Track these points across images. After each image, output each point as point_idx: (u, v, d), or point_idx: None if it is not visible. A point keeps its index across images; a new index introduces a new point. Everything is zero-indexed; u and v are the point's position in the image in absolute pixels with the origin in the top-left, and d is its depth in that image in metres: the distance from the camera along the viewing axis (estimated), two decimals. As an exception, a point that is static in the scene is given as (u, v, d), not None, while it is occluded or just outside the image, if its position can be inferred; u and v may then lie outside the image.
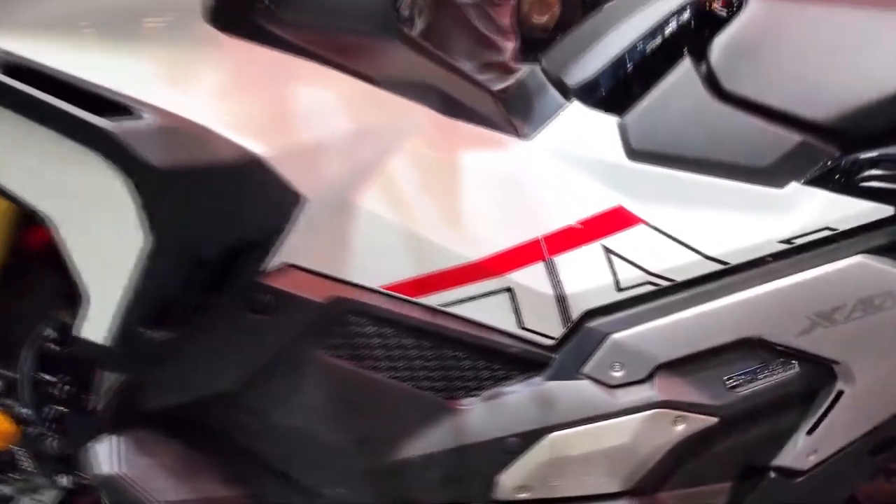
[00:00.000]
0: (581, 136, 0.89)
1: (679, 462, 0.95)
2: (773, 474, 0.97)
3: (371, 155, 0.82)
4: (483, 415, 0.92)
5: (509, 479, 0.93)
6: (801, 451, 0.94)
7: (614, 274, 0.87)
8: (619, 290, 0.87)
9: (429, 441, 0.92)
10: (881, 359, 0.89)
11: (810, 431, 0.93)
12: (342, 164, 0.80)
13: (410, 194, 0.83)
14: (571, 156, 0.88)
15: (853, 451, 0.96)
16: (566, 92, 0.92)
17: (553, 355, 0.91)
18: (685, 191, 0.87)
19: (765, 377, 0.91)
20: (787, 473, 0.96)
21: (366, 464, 0.92)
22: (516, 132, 0.91)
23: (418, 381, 0.91)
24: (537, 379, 0.92)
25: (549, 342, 0.91)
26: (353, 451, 0.92)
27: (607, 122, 0.89)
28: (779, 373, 0.91)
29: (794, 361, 0.91)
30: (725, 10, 0.88)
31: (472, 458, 0.92)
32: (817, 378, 0.91)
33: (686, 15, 0.89)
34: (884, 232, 0.86)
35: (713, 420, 0.91)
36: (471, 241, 0.85)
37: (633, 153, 0.87)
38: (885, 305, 0.86)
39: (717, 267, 0.86)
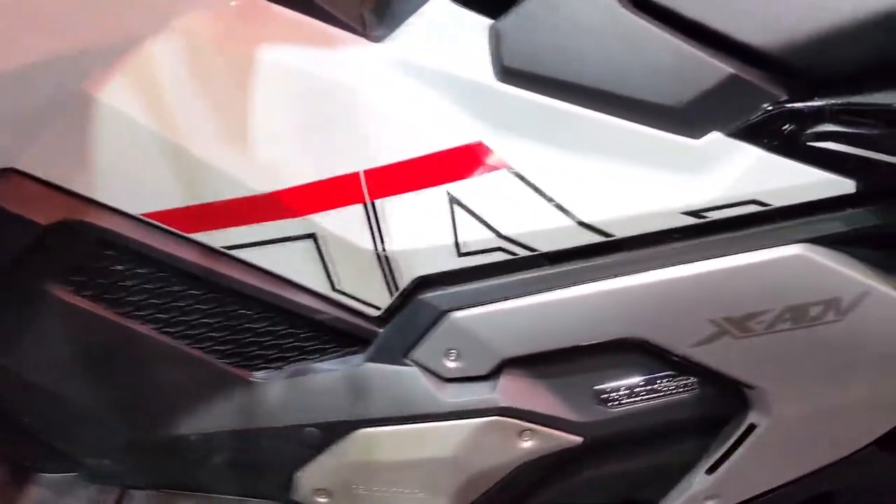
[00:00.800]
0: (441, 42, 0.65)
1: (535, 488, 0.74)
2: (663, 517, 0.75)
3: (123, 29, 0.59)
4: (281, 394, 0.72)
5: (308, 478, 0.73)
6: (695, 495, 0.72)
7: (456, 232, 0.64)
8: (462, 254, 0.64)
9: (211, 417, 0.73)
10: (811, 389, 0.66)
11: (710, 470, 0.71)
12: (75, 36, 0.58)
13: (179, 95, 0.61)
14: (425, 68, 0.64)
15: None
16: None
17: (378, 330, 0.70)
18: (568, 130, 0.62)
19: (650, 394, 0.68)
20: (682, 518, 0.74)
21: (129, 437, 0.73)
22: (364, 30, 0.67)
23: (200, 343, 0.71)
24: (356, 358, 0.71)
25: (372, 313, 0.69)
26: (116, 421, 0.73)
27: (477, 26, 0.64)
28: (670, 391, 0.68)
29: (692, 378, 0.67)
30: None
31: (264, 447, 0.73)
32: (722, 404, 0.68)
33: None
34: (837, 217, 0.61)
35: (576, 440, 0.69)
36: (261, 166, 0.63)
37: (506, 71, 0.62)
38: (824, 318, 0.62)
39: (596, 238, 0.63)
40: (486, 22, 0.65)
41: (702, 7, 0.59)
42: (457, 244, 0.64)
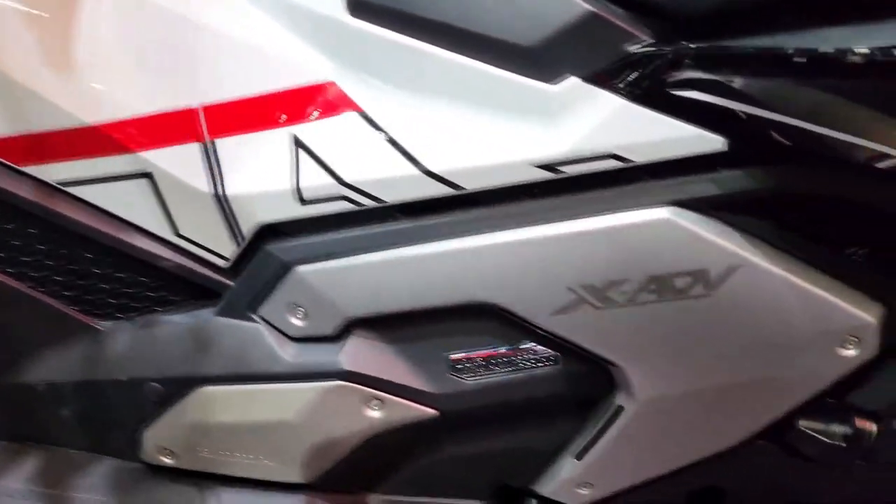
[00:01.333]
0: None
1: (395, 466, 0.69)
2: None
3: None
4: (127, 345, 0.68)
5: (152, 436, 0.69)
6: (567, 482, 0.66)
7: (298, 178, 0.59)
8: (304, 202, 0.60)
9: (57, 366, 0.69)
10: (679, 371, 0.59)
11: (580, 455, 0.65)
12: None
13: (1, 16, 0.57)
14: (283, 3, 0.60)
15: (657, 498, 0.67)
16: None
17: (230, 283, 0.65)
18: (419, 70, 0.57)
19: (508, 366, 0.62)
20: (553, 506, 0.68)
21: (-27, 379, 0.70)
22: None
23: (40, 284, 0.67)
24: (207, 312, 0.67)
25: (221, 262, 0.65)
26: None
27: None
28: (530, 364, 0.62)
29: (553, 352, 0.62)
30: None
31: (111, 401, 0.69)
32: (588, 382, 0.62)
33: None
34: (708, 176, 0.55)
35: (430, 412, 0.63)
36: (91, 96, 0.59)
37: (357, 5, 0.57)
38: (690, 291, 0.56)
39: (445, 191, 0.57)
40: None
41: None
42: (298, 190, 0.59)
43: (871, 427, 0.59)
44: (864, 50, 0.47)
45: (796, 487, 0.66)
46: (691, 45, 0.52)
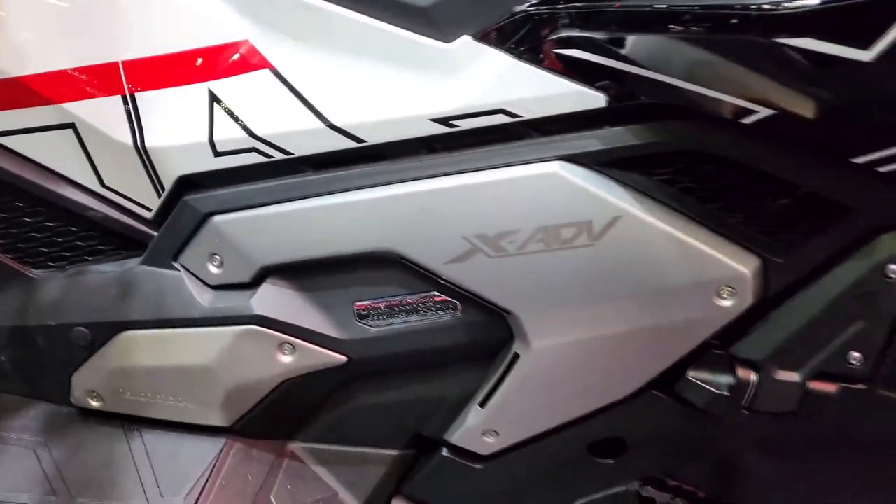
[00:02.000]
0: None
1: (312, 409, 0.72)
2: (446, 453, 0.72)
3: None
4: (55, 292, 0.71)
5: (81, 380, 0.72)
6: (473, 429, 0.69)
7: (212, 130, 0.62)
8: (217, 154, 0.63)
9: (-6, 312, 0.73)
10: (568, 319, 0.62)
11: (483, 403, 0.68)
12: None
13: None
14: (200, -36, 0.63)
15: (559, 447, 0.70)
16: None
17: (152, 232, 0.69)
18: (327, 29, 0.61)
19: (411, 312, 0.66)
20: (465, 455, 0.72)
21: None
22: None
23: (-18, 235, 0.71)
24: (134, 262, 0.70)
25: (145, 213, 0.68)
26: None
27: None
28: (432, 311, 0.65)
29: (453, 300, 0.65)
30: None
31: (40, 346, 0.72)
32: (486, 329, 0.65)
33: None
34: (591, 132, 0.58)
35: (339, 358, 0.67)
36: (13, 47, 0.63)
37: (271, -33, 0.61)
38: (576, 241, 0.59)
39: (348, 143, 0.61)
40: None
41: None
42: (213, 143, 0.63)
43: (753, 376, 0.63)
44: (733, 6, 0.50)
45: (691, 438, 0.69)
46: (572, 5, 0.55)
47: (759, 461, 0.74)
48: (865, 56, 0.46)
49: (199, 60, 0.63)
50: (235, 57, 0.63)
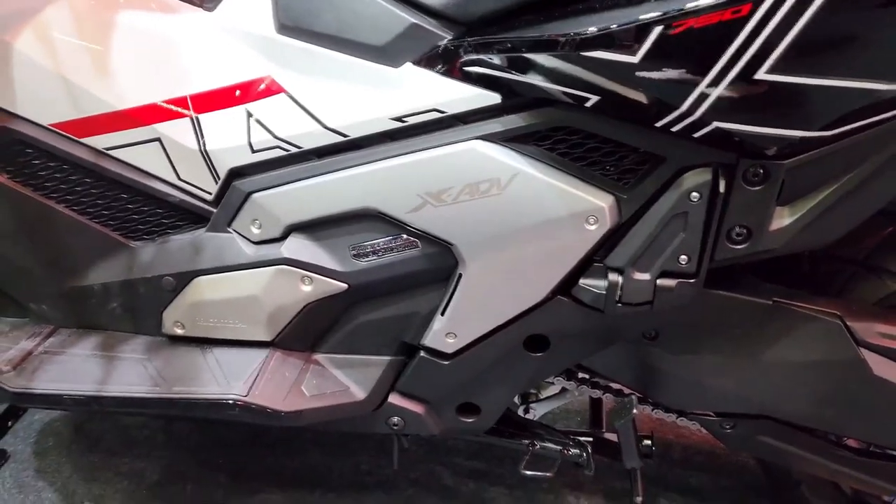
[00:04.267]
0: (245, 10, 0.96)
1: (328, 326, 1.03)
2: (423, 354, 1.02)
3: (29, 2, 0.93)
4: (150, 255, 1.04)
5: (169, 315, 1.05)
6: (438, 332, 0.99)
7: (249, 136, 0.94)
8: (254, 151, 0.95)
9: (107, 272, 1.06)
10: (490, 246, 0.92)
11: (443, 312, 0.98)
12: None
13: (66, 44, 0.94)
14: (236, 28, 0.96)
15: (502, 344, 0.99)
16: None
17: (213, 209, 1.01)
18: (320, 65, 0.92)
19: (389, 250, 0.96)
20: (436, 354, 1.02)
21: (55, 287, 1.07)
22: (200, 3, 0.99)
23: (97, 218, 1.04)
24: (200, 230, 1.02)
25: (208, 196, 1.00)
26: (44, 275, 1.06)
27: (264, -2, 0.95)
28: (402, 248, 0.96)
29: (415, 239, 0.95)
30: None
31: (140, 293, 1.05)
32: (440, 258, 0.95)
33: None
34: (493, 120, 0.88)
35: (342, 286, 0.98)
36: (121, 91, 0.96)
37: (282, 27, 0.93)
38: (490, 192, 0.89)
39: (338, 139, 0.92)
40: (271, -5, 0.95)
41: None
42: (250, 144, 0.95)
43: (620, 279, 0.91)
44: (562, 33, 0.79)
45: (593, 331, 0.98)
46: (473, 39, 0.85)
47: (648, 350, 1.02)
48: (634, 59, 0.75)
49: (238, 92, 0.95)
50: (262, 87, 0.95)
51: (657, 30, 0.73)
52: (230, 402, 0.95)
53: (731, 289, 0.99)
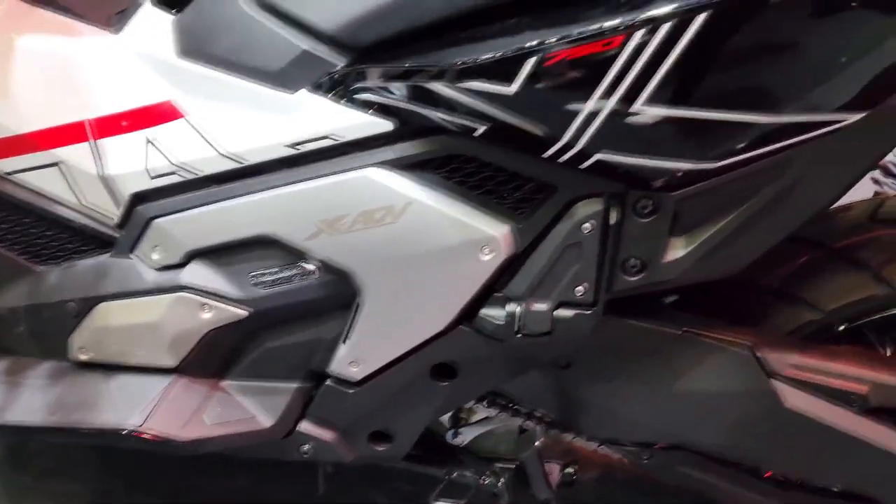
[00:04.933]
0: (150, 33, 0.95)
1: (233, 352, 1.02)
2: (330, 381, 1.01)
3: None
4: (55, 279, 1.03)
5: (74, 340, 1.03)
6: (343, 360, 0.98)
7: (147, 161, 0.93)
8: (152, 177, 0.94)
9: (13, 296, 1.05)
10: (387, 275, 0.91)
11: (345, 340, 0.97)
12: None
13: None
14: (140, 51, 0.95)
15: (408, 372, 0.98)
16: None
17: (117, 234, 1.00)
18: (220, 90, 0.91)
19: (289, 277, 0.95)
20: (342, 382, 1.00)
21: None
22: (108, 26, 0.98)
23: (1, 242, 1.03)
24: (105, 255, 1.01)
25: (112, 221, 0.99)
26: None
27: (166, 20, 0.94)
28: (303, 275, 0.95)
29: (315, 266, 0.94)
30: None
31: (46, 318, 1.04)
32: (340, 286, 0.94)
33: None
34: (387, 147, 0.87)
35: (242, 313, 0.96)
36: (19, 114, 0.95)
37: (183, 51, 0.92)
38: (385, 220, 0.88)
39: (234, 165, 0.91)
40: (170, 16, 0.94)
41: (290, 3, 0.87)
42: (148, 170, 0.94)
43: (518, 309, 0.90)
44: (459, 62, 0.78)
45: (500, 361, 0.97)
46: (363, 66, 0.84)
47: (564, 377, 1.01)
48: (510, 90, 0.74)
49: (139, 116, 0.94)
50: (162, 112, 0.94)
51: (531, 61, 0.72)
52: (125, 431, 0.93)
53: (642, 317, 0.97)
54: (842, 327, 1.02)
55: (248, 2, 0.89)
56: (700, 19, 0.68)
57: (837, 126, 0.75)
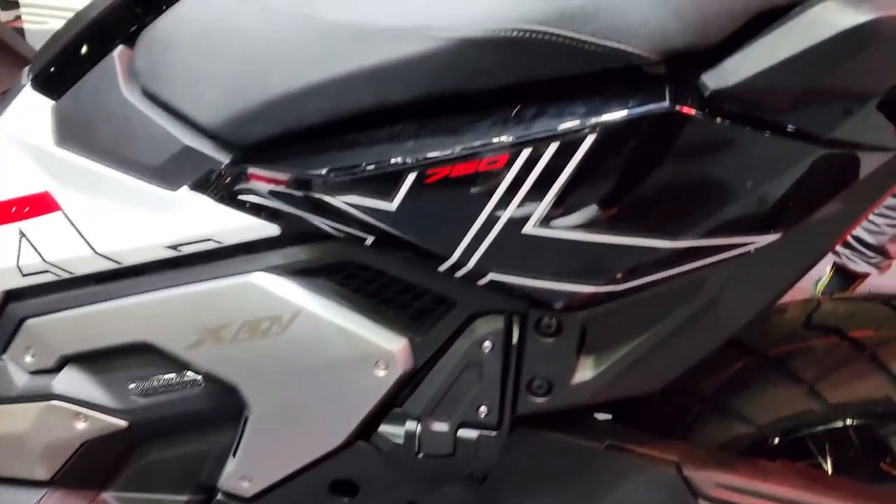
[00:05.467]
0: (26, 118, 0.88)
1: (115, 464, 0.93)
2: (220, 496, 0.92)
3: None
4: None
5: (-59, 446, 0.94)
6: (232, 475, 0.89)
7: (19, 258, 0.85)
8: (24, 275, 0.86)
9: None
10: (275, 389, 0.83)
11: (234, 455, 0.88)
12: None
13: None
14: (18, 138, 0.87)
15: (304, 489, 0.90)
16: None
17: (-9, 336, 0.92)
18: (99, 183, 0.84)
19: (171, 387, 0.87)
20: (233, 498, 0.91)
21: None
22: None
23: None
24: (-25, 355, 0.93)
25: (-16, 320, 0.91)
26: None
27: (45, 106, 0.87)
28: (186, 385, 0.87)
29: (199, 377, 0.86)
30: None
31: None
32: (227, 397, 0.86)
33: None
34: (273, 252, 0.80)
35: (121, 424, 0.88)
36: None
37: (61, 139, 0.85)
38: (271, 331, 0.80)
39: (112, 265, 0.83)
40: (49, 102, 0.87)
41: (173, 95, 0.80)
42: (19, 267, 0.86)
43: (417, 428, 0.82)
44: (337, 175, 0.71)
45: (402, 478, 0.89)
46: (248, 167, 0.77)
47: (482, 492, 0.93)
48: (391, 206, 0.67)
49: (14, 208, 0.86)
50: (38, 204, 0.86)
51: (411, 177, 0.66)
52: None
53: (562, 429, 0.90)
54: (777, 440, 0.95)
55: (130, 90, 0.82)
56: (590, 140, 0.61)
57: (751, 247, 0.69)
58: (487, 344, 0.77)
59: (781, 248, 0.70)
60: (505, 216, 0.65)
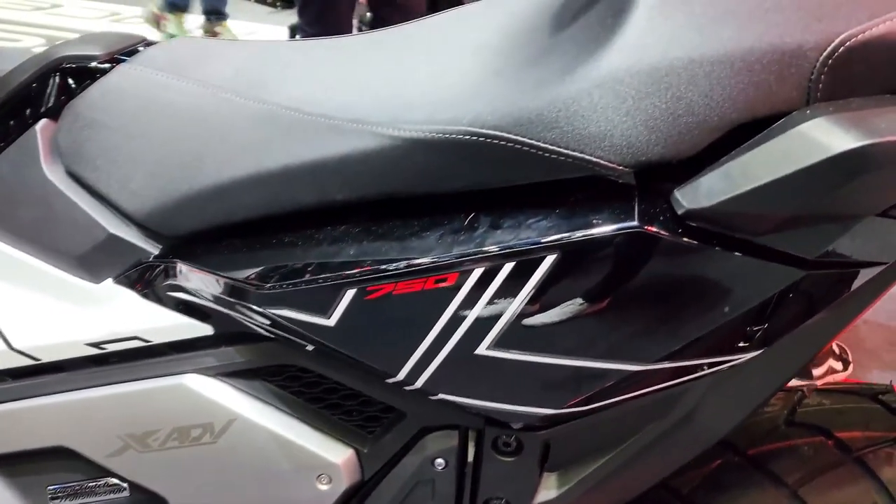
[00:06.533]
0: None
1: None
2: None
3: None
4: None
5: None
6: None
7: (-73, 354, 0.77)
8: (-67, 371, 0.78)
9: None
10: (206, 502, 0.75)
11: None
12: None
13: None
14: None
15: None
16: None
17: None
18: (15, 271, 0.75)
19: (91, 494, 0.79)
20: None
21: None
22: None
23: None
24: None
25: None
26: None
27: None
28: (108, 493, 0.78)
29: (124, 483, 0.78)
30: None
31: None
32: (154, 505, 0.78)
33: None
34: (206, 352, 0.72)
35: (39, 535, 0.80)
36: None
37: (-22, 219, 0.77)
38: (203, 439, 0.72)
39: (28, 361, 0.75)
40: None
41: (98, 178, 0.72)
42: (-71, 364, 0.77)
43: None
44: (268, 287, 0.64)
45: None
46: (175, 261, 0.70)
47: None
48: (329, 322, 0.60)
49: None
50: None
51: (350, 293, 0.59)
52: None
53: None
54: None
55: (52, 169, 0.74)
56: (551, 260, 0.54)
57: (728, 365, 0.62)
58: (440, 461, 0.70)
59: (764, 359, 0.63)
60: (455, 337, 0.58)
